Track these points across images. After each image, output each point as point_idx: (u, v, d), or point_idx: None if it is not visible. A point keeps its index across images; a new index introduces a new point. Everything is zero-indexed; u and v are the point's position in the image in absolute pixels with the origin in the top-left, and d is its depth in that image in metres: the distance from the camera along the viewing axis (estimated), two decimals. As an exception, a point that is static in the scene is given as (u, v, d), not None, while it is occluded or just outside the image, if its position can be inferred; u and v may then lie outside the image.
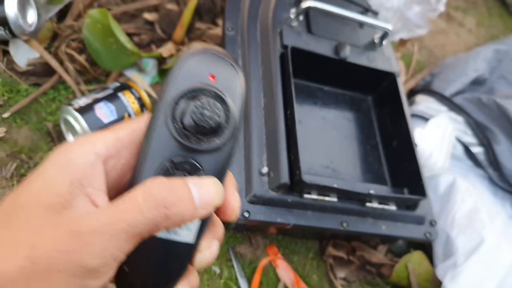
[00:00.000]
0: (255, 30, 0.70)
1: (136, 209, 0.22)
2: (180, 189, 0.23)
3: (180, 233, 0.25)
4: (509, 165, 0.84)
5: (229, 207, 0.27)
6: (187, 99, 0.24)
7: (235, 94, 0.25)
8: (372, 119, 0.77)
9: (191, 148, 0.24)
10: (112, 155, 0.25)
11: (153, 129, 0.24)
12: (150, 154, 0.24)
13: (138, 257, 0.25)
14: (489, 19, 1.58)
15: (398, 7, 1.09)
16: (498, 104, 0.88)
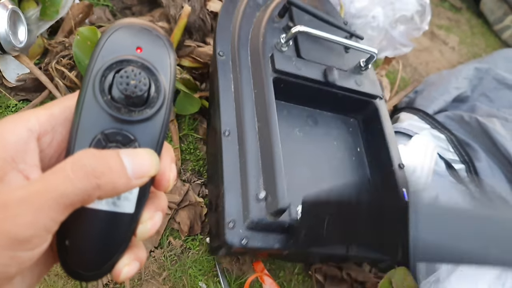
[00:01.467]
0: (246, 55, 0.71)
1: (65, 179, 0.22)
2: (111, 159, 0.23)
3: (119, 204, 0.25)
4: (490, 181, 0.86)
5: (164, 179, 0.27)
6: (113, 71, 0.24)
7: (163, 64, 0.26)
8: (360, 142, 0.79)
9: (122, 119, 0.24)
10: (46, 131, 0.25)
11: (82, 103, 0.24)
12: (81, 128, 0.24)
13: (79, 230, 0.25)
14: (472, 38, 1.62)
15: (383, 26, 1.12)
16: (479, 121, 0.91)
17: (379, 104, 0.78)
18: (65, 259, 0.26)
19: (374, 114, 0.77)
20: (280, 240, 0.58)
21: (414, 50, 1.39)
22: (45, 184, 0.22)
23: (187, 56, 0.85)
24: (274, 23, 0.75)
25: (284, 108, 0.74)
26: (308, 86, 0.71)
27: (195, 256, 0.68)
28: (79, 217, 0.24)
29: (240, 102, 0.65)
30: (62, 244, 0.25)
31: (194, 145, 0.80)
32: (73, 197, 0.22)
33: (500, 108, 1.04)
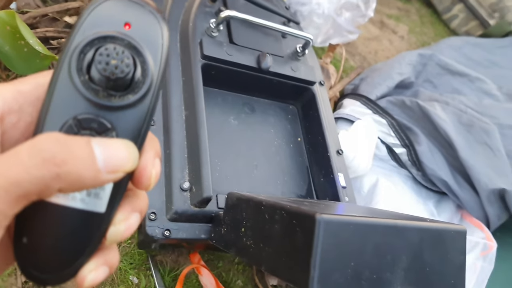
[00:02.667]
0: (175, 40, 0.68)
1: (19, 164, 0.18)
2: (77, 147, 0.19)
3: (88, 201, 0.22)
4: (430, 164, 0.87)
5: (144, 175, 0.23)
6: (95, 48, 0.21)
7: (154, 45, 0.22)
8: (299, 129, 0.78)
9: (100, 104, 0.21)
10: (12, 109, 0.21)
11: (55, 82, 0.21)
12: (52, 110, 0.21)
13: (39, 227, 0.22)
14: (421, 27, 1.65)
15: (329, 14, 1.11)
16: (420, 106, 0.92)
17: (316, 90, 0.77)
18: (21, 258, 0.22)
19: (312, 100, 0.76)
20: (207, 230, 0.56)
21: (363, 39, 1.39)
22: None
23: (120, 43, 0.81)
24: (206, 7, 0.73)
25: (218, 96, 0.71)
26: (242, 73, 0.70)
27: (126, 250, 0.66)
28: (40, 212, 0.21)
29: (167, 90, 0.63)
30: (19, 242, 0.22)
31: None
32: (27, 187, 0.18)
33: (443, 93, 1.06)
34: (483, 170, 0.85)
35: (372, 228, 0.39)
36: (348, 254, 0.38)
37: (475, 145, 0.88)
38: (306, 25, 1.14)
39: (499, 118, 0.97)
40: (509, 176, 0.86)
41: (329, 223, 0.36)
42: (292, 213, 0.40)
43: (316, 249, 0.36)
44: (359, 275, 0.38)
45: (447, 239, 0.43)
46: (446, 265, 0.43)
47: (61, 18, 0.83)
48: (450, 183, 0.87)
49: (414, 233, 0.41)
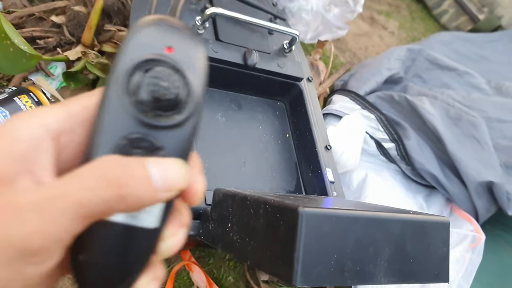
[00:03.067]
0: None
1: (85, 186, 0.19)
2: (135, 168, 0.20)
3: (140, 217, 0.23)
4: (419, 159, 0.87)
5: (192, 191, 0.24)
6: (142, 71, 0.22)
7: (195, 67, 0.23)
8: (287, 125, 0.78)
9: (149, 124, 0.22)
10: (64, 131, 0.22)
11: (106, 104, 0.22)
12: (103, 131, 0.22)
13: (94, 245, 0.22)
14: (411, 22, 1.65)
15: (318, 10, 1.12)
16: (408, 100, 0.92)
17: (304, 87, 0.77)
18: (78, 275, 0.23)
19: (299, 96, 0.76)
20: (196, 226, 0.56)
21: (353, 35, 1.40)
22: (61, 190, 0.19)
23: (108, 41, 0.81)
24: (191, 4, 0.73)
25: (205, 93, 0.71)
26: (228, 70, 0.70)
27: (115, 248, 0.66)
28: (95, 230, 0.21)
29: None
30: (75, 259, 0.22)
31: (117, 134, 0.77)
32: (92, 208, 0.19)
33: (432, 88, 1.07)
34: (471, 163, 0.85)
35: (354, 220, 0.39)
36: (331, 246, 0.38)
37: (463, 139, 0.89)
38: (295, 22, 1.14)
39: (487, 112, 0.98)
40: (497, 168, 0.87)
41: (311, 216, 0.37)
42: (276, 207, 0.40)
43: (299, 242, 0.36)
44: (342, 267, 0.38)
45: (430, 231, 0.44)
46: (429, 257, 0.44)
47: (48, 18, 0.82)
48: (439, 176, 0.88)
49: (396, 225, 0.41)
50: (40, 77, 0.77)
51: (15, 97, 0.64)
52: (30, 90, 0.67)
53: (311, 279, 0.36)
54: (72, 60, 0.78)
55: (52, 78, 0.79)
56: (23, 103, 0.64)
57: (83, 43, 0.80)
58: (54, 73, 0.79)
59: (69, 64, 0.80)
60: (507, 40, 1.40)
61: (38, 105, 0.66)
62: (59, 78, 0.79)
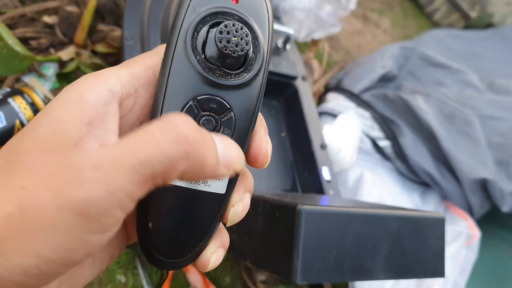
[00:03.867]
0: (156, 38, 0.68)
1: (151, 141, 0.17)
2: (206, 135, 0.19)
3: (210, 183, 0.22)
4: (414, 156, 0.88)
5: (261, 153, 0.22)
6: (208, 25, 0.20)
7: (261, 18, 0.21)
8: (282, 124, 0.78)
9: (217, 83, 0.20)
10: (128, 93, 0.21)
11: (171, 63, 0.20)
12: (170, 91, 0.20)
13: (164, 212, 0.22)
14: (404, 20, 1.66)
15: (310, 8, 1.12)
16: (402, 98, 0.93)
17: (299, 85, 0.77)
18: (146, 244, 0.22)
19: (294, 95, 0.76)
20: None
21: (346, 33, 1.40)
22: (125, 147, 0.18)
23: (101, 41, 0.81)
24: (186, 4, 0.73)
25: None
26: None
27: (112, 250, 0.65)
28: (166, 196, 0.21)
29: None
30: (143, 228, 0.21)
31: (111, 134, 0.77)
32: (156, 166, 0.17)
33: (425, 85, 1.07)
34: (465, 160, 0.86)
35: (352, 217, 0.39)
36: (330, 243, 0.38)
37: (457, 136, 0.89)
38: (289, 20, 1.14)
39: (480, 109, 0.98)
40: (490, 165, 0.87)
41: (310, 214, 0.37)
42: (275, 206, 0.40)
43: (298, 239, 0.36)
44: (341, 263, 0.38)
45: (426, 227, 0.44)
46: (425, 252, 0.44)
47: (40, 18, 0.82)
48: (433, 174, 0.88)
49: (393, 221, 0.41)
50: (33, 78, 0.77)
51: (9, 99, 0.64)
52: (24, 91, 0.66)
53: (311, 275, 0.37)
54: (65, 61, 0.77)
55: (45, 79, 0.78)
56: (17, 104, 0.64)
57: (76, 44, 0.79)
58: (47, 74, 0.78)
59: (62, 64, 0.79)
60: (499, 38, 1.41)
61: (32, 106, 0.65)
62: (52, 79, 0.78)
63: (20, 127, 0.63)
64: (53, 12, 0.83)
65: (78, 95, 0.20)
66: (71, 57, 0.76)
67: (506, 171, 0.91)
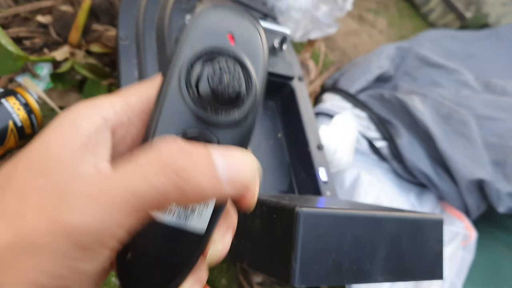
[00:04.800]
0: (151, 38, 0.68)
1: (140, 173, 0.18)
2: (198, 154, 0.18)
3: (191, 218, 0.22)
4: (410, 157, 0.88)
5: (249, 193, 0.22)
6: (203, 62, 0.21)
7: (256, 58, 0.22)
8: (278, 125, 0.78)
9: (207, 120, 0.21)
10: (121, 122, 0.21)
11: (164, 96, 0.21)
12: (161, 124, 0.21)
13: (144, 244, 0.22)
14: (400, 20, 1.66)
15: (306, 8, 1.11)
16: (398, 99, 0.93)
17: (295, 86, 0.77)
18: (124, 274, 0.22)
19: (290, 95, 0.76)
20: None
21: (342, 33, 1.40)
22: (115, 179, 0.18)
23: (96, 41, 0.80)
24: (181, 4, 0.72)
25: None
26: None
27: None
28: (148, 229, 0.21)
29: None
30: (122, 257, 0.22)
31: (106, 135, 0.76)
32: (147, 198, 0.17)
33: (422, 85, 1.07)
34: (462, 161, 0.86)
35: (350, 219, 0.39)
36: (328, 246, 0.38)
37: (453, 136, 0.89)
38: (285, 20, 1.14)
39: (476, 109, 0.98)
40: (487, 166, 0.87)
41: (308, 216, 0.36)
42: (273, 208, 0.40)
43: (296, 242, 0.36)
44: (339, 266, 0.38)
45: (424, 229, 0.44)
46: (424, 254, 0.44)
47: (34, 18, 0.81)
48: (430, 174, 0.88)
49: (391, 223, 0.41)
50: (26, 78, 0.76)
51: (2, 99, 0.63)
52: (17, 92, 0.65)
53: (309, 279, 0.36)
54: (59, 61, 0.76)
55: (39, 79, 0.77)
56: (11, 105, 0.63)
57: (70, 44, 0.78)
58: (41, 74, 0.78)
59: (56, 64, 0.78)
60: (494, 38, 1.42)
61: (26, 107, 0.64)
62: (46, 79, 0.78)
63: (14, 128, 0.62)
64: (47, 11, 0.82)
65: (71, 121, 0.20)
66: (66, 57, 0.76)
67: (503, 172, 0.91)
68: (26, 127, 0.64)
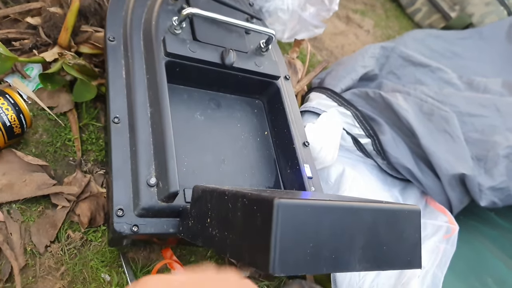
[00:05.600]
0: (138, 39, 0.69)
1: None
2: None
3: None
4: (394, 153, 0.90)
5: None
6: None
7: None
8: (265, 122, 0.79)
9: None
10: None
11: None
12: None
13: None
14: (386, 21, 1.69)
15: (294, 9, 1.13)
16: (383, 97, 0.95)
17: (281, 85, 0.78)
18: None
19: (277, 94, 0.78)
20: (175, 224, 0.57)
21: (330, 34, 1.42)
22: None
23: (85, 42, 0.81)
24: (168, 5, 0.74)
25: (184, 92, 0.72)
26: (206, 69, 0.71)
27: (97, 248, 0.66)
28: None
29: (132, 88, 0.63)
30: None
31: (96, 134, 0.77)
32: None
33: (406, 84, 1.10)
34: (444, 157, 0.88)
35: (328, 210, 0.40)
36: (306, 235, 0.39)
37: (436, 133, 0.92)
38: (273, 21, 1.16)
39: (459, 106, 1.01)
40: (468, 161, 0.90)
41: (286, 206, 0.38)
42: (253, 200, 0.41)
43: (275, 232, 0.38)
44: (318, 255, 0.40)
45: (402, 219, 0.45)
46: (402, 243, 0.45)
47: (23, 19, 0.82)
48: (413, 170, 0.90)
49: (369, 213, 0.43)
50: (16, 79, 0.77)
51: (-9, 100, 0.64)
52: (6, 92, 0.66)
53: (287, 267, 0.38)
54: (48, 62, 0.77)
55: (29, 80, 0.78)
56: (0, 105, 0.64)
57: (59, 45, 0.80)
58: (31, 75, 0.79)
59: (46, 65, 0.79)
60: (477, 37, 1.45)
61: (15, 107, 0.65)
62: (36, 79, 0.79)
63: (2, 128, 0.63)
64: (36, 13, 0.83)
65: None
66: (55, 58, 0.77)
67: (484, 167, 0.94)
68: (15, 126, 0.65)
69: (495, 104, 1.04)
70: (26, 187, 0.65)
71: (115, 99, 0.62)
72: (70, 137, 0.75)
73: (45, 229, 0.64)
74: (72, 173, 0.71)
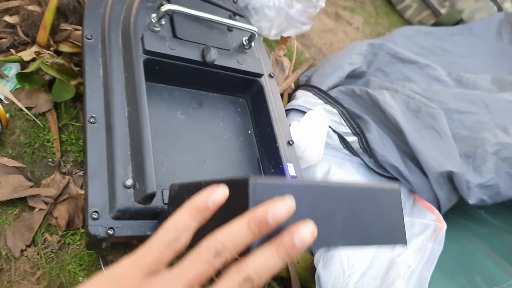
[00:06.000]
0: (117, 37, 0.67)
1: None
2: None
3: None
4: (381, 151, 0.89)
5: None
6: None
7: None
8: (249, 121, 0.78)
9: None
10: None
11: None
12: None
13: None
14: (376, 18, 1.68)
15: (280, 6, 1.12)
16: (369, 94, 0.94)
17: (265, 83, 0.77)
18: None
19: (260, 92, 0.76)
20: (153, 226, 0.56)
21: (318, 31, 1.41)
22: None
23: (64, 40, 0.79)
24: (148, 2, 0.72)
25: (164, 91, 0.71)
26: (187, 67, 0.69)
27: (75, 251, 0.65)
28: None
29: (109, 87, 0.62)
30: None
31: (76, 135, 0.76)
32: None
33: (394, 81, 1.08)
34: (431, 154, 0.87)
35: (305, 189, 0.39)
36: None
37: (423, 130, 0.91)
38: (259, 19, 1.14)
39: (447, 103, 1.00)
40: (456, 158, 0.89)
41: (262, 186, 0.37)
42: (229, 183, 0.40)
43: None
44: None
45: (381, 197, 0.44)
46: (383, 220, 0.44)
47: (1, 18, 0.80)
48: (400, 168, 0.89)
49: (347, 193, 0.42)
50: (-7, 79, 0.75)
51: (-35, 100, 0.62)
52: (-20, 93, 0.65)
53: None
54: (26, 61, 0.76)
55: (6, 80, 0.77)
56: (-27, 106, 0.62)
57: (38, 43, 0.78)
58: (8, 75, 0.77)
59: (24, 65, 0.78)
60: (467, 33, 1.44)
61: (-10, 107, 0.64)
62: (14, 79, 0.77)
63: (-24, 129, 0.62)
64: (14, 11, 0.81)
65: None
66: (33, 57, 0.75)
67: (473, 164, 0.93)
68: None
69: (484, 100, 1.03)
70: (1, 189, 0.63)
71: (92, 98, 0.61)
72: (49, 137, 0.73)
73: (21, 233, 0.63)
74: (50, 174, 0.70)
